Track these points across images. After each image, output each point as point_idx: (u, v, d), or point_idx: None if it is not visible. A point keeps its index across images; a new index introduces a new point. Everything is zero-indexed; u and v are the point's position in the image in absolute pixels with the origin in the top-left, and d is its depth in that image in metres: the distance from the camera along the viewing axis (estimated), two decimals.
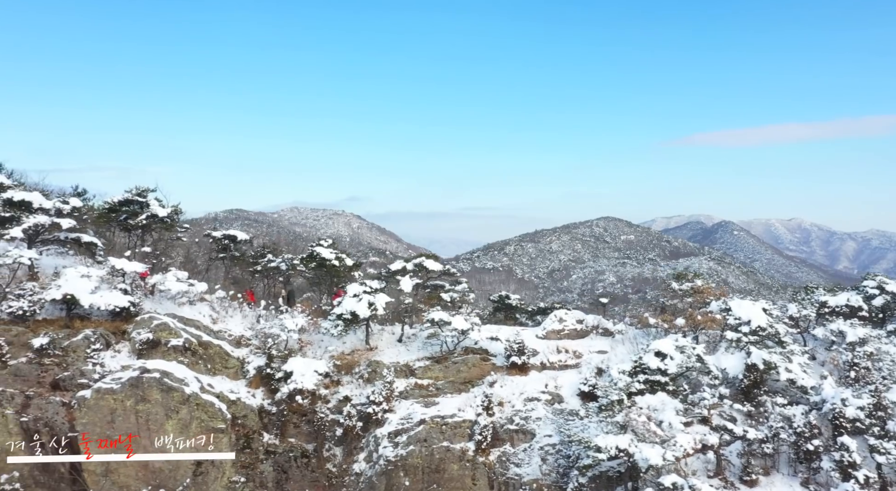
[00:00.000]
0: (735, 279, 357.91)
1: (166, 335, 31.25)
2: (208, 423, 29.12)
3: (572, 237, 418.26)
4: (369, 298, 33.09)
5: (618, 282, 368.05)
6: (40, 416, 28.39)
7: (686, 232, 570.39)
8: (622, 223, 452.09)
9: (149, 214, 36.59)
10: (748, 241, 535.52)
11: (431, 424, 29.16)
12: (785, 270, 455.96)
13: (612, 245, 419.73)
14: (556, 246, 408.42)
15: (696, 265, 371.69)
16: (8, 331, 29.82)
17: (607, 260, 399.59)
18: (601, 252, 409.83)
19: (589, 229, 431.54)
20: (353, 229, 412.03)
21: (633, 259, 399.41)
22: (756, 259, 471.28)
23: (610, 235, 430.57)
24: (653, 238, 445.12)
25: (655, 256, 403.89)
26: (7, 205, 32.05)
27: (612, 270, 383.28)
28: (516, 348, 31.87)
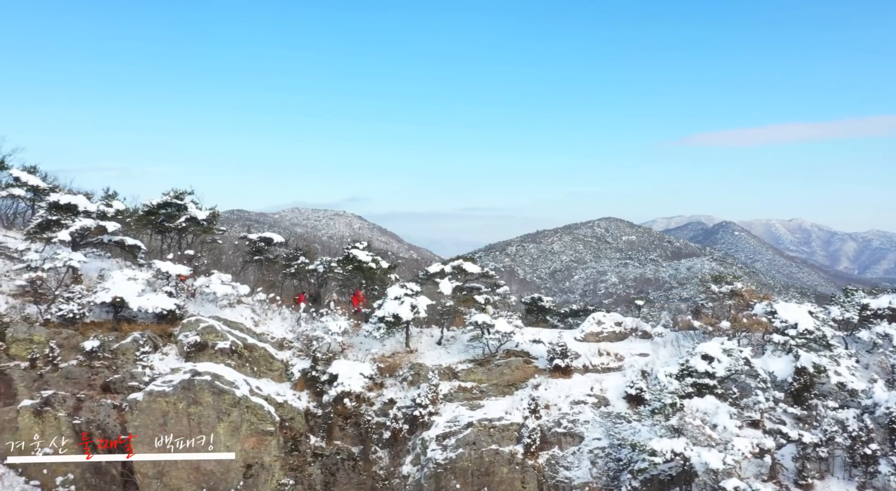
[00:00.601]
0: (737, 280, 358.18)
1: (213, 338, 31.45)
2: (258, 425, 29.33)
3: (574, 238, 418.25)
4: (411, 301, 33.28)
5: (620, 282, 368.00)
6: (92, 418, 28.59)
7: (687, 232, 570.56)
8: (623, 224, 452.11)
9: (188, 217, 36.72)
10: (749, 241, 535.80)
11: (479, 426, 29.35)
12: (786, 271, 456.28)
13: (613, 246, 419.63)
14: (557, 246, 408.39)
15: (698, 266, 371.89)
16: (58, 334, 30.03)
17: (609, 260, 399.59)
18: (603, 253, 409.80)
19: (590, 230, 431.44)
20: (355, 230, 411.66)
21: (635, 260, 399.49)
22: (757, 259, 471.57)
23: (611, 236, 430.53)
24: (654, 239, 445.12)
25: (657, 257, 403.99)
26: (54, 208, 32.19)
27: (613, 271, 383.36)
28: (559, 351, 32.07)
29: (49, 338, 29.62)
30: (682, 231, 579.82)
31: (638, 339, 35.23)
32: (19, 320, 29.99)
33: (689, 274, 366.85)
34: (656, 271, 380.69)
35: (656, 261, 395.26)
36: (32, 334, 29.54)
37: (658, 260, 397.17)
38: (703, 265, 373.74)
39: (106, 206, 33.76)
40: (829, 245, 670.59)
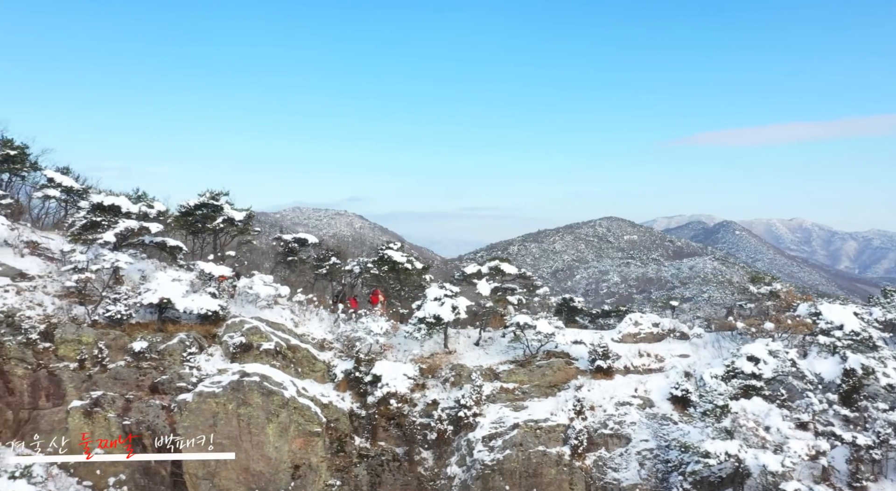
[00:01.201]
0: (740, 279, 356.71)
1: (258, 339, 31.59)
2: (305, 426, 29.48)
3: (575, 237, 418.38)
4: (452, 302, 33.43)
5: (622, 282, 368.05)
6: (142, 419, 28.77)
7: (688, 232, 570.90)
8: (625, 223, 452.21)
9: (225, 218, 36.86)
10: (750, 241, 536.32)
11: (525, 428, 29.50)
12: (787, 270, 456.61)
13: (615, 245, 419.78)
14: (559, 246, 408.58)
15: (700, 265, 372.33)
16: (106, 334, 30.18)
17: (611, 260, 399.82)
18: (604, 252, 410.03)
19: (592, 229, 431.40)
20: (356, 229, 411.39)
21: (637, 259, 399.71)
22: (758, 259, 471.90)
23: (613, 235, 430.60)
24: (655, 238, 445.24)
25: (659, 256, 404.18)
26: (97, 209, 32.30)
27: (615, 270, 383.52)
28: (601, 352, 32.22)
29: (97, 339, 29.77)
30: (682, 230, 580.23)
31: (676, 340, 35.38)
32: (67, 321, 30.12)
33: (691, 273, 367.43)
34: (658, 271, 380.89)
35: (658, 260, 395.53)
36: (81, 335, 29.69)
37: (660, 259, 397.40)
38: (706, 265, 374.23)
39: (147, 207, 33.87)
40: (829, 245, 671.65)
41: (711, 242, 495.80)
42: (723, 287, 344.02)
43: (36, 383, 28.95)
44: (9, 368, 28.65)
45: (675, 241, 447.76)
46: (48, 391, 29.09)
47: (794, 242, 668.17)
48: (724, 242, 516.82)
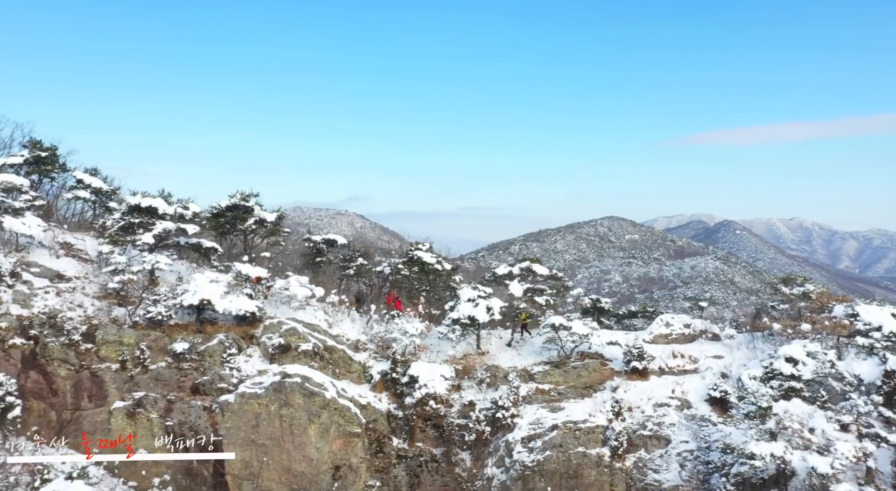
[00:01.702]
0: (742, 279, 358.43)
1: (296, 340, 31.74)
2: (345, 427, 29.63)
3: (577, 237, 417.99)
4: (486, 303, 33.58)
5: (623, 281, 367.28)
6: (184, 419, 28.92)
7: (688, 231, 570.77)
8: (626, 223, 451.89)
9: (257, 219, 36.99)
10: (751, 240, 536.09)
11: (564, 429, 29.65)
12: (788, 270, 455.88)
13: (616, 245, 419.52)
14: (560, 245, 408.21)
15: (701, 265, 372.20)
16: (147, 336, 30.33)
17: (612, 259, 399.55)
18: (606, 252, 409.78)
19: (593, 229, 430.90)
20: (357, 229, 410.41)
21: (639, 259, 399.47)
22: (759, 259, 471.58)
23: (614, 235, 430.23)
24: (657, 238, 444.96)
25: (660, 256, 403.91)
26: (135, 211, 32.41)
27: (617, 270, 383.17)
28: (636, 353, 32.39)
29: (138, 340, 29.92)
30: (683, 230, 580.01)
31: (707, 341, 35.52)
32: (108, 323, 30.26)
33: (692, 273, 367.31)
34: (660, 270, 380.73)
35: (660, 260, 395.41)
36: (122, 336, 29.84)
37: (661, 259, 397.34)
38: (707, 264, 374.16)
39: (183, 208, 33.98)
40: (829, 244, 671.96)
41: (712, 242, 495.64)
42: (725, 287, 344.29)
43: (79, 384, 29.11)
44: (52, 370, 28.82)
45: (677, 240, 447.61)
46: (90, 392, 29.23)
47: (795, 242, 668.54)
48: (724, 242, 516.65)
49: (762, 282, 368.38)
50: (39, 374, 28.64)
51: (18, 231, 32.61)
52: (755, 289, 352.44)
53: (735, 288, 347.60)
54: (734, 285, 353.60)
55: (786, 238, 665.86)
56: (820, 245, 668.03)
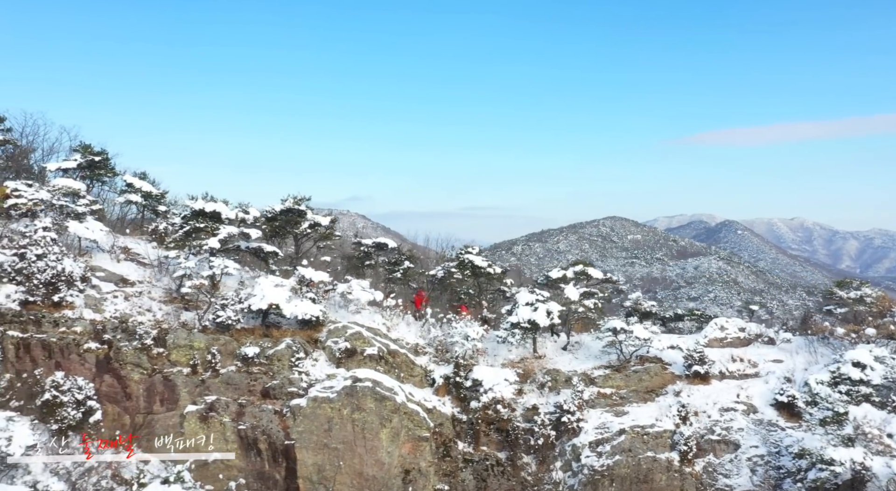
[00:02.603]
0: (745, 279, 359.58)
1: (361, 344, 31.94)
2: (414, 431, 29.85)
3: (579, 237, 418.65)
4: (546, 307, 33.83)
5: (627, 282, 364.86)
6: (256, 423, 29.12)
7: (690, 231, 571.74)
8: (628, 223, 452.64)
9: (311, 223, 37.22)
10: (752, 240, 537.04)
11: (632, 433, 29.91)
12: (789, 270, 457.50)
13: (619, 245, 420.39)
14: (563, 246, 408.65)
15: (705, 265, 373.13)
16: (216, 340, 30.51)
17: (615, 260, 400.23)
18: (609, 252, 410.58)
19: (596, 229, 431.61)
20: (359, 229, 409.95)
21: (642, 259, 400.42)
22: (761, 259, 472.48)
23: (617, 235, 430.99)
24: (659, 238, 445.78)
25: (663, 256, 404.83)
26: (199, 215, 32.60)
27: (620, 270, 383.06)
28: (697, 358, 32.62)
29: (209, 344, 30.09)
30: (684, 230, 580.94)
31: (763, 344, 35.77)
32: (178, 327, 30.45)
33: (696, 273, 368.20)
34: (663, 270, 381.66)
35: (662, 260, 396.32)
36: (192, 340, 30.02)
37: (664, 259, 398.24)
38: (711, 264, 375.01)
39: (243, 213, 34.19)
40: (830, 244, 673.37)
41: (714, 242, 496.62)
42: (729, 287, 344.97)
43: (151, 388, 29.29)
44: (125, 374, 28.99)
45: (679, 240, 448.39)
46: (162, 396, 29.42)
47: (796, 242, 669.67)
48: (726, 242, 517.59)
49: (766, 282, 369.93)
50: (114, 378, 28.83)
51: (82, 235, 32.82)
52: (759, 289, 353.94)
53: (739, 288, 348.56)
54: (738, 285, 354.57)
55: (787, 238, 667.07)
56: (821, 245, 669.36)
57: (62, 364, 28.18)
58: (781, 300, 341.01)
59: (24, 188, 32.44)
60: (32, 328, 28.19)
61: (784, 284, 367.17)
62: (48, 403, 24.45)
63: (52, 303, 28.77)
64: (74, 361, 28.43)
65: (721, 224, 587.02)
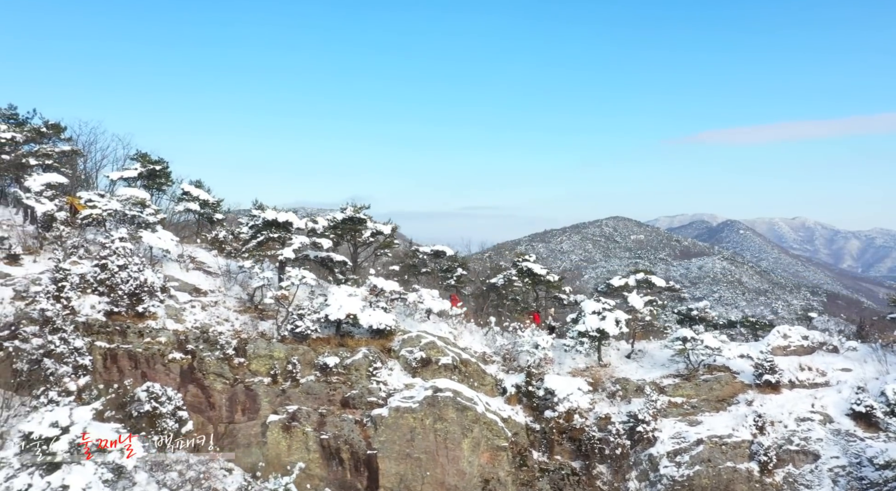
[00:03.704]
0: (749, 279, 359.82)
1: (435, 354, 32.12)
2: (493, 441, 30.01)
3: (583, 237, 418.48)
4: (615, 316, 33.98)
5: None
6: (337, 433, 29.26)
7: (692, 231, 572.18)
8: (631, 222, 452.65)
9: (374, 231, 37.35)
10: (754, 240, 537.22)
11: (710, 443, 30.04)
12: (792, 269, 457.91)
13: (622, 245, 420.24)
14: (566, 246, 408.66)
15: (709, 265, 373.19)
16: (295, 350, 30.66)
17: (619, 260, 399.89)
18: (612, 252, 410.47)
19: (598, 229, 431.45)
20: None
21: (645, 259, 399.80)
22: (763, 258, 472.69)
23: (620, 235, 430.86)
24: (662, 238, 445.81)
25: (666, 256, 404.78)
26: (272, 226, 32.69)
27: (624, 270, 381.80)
28: (768, 367, 32.77)
29: (288, 354, 30.26)
30: (686, 229, 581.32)
31: (827, 353, 35.89)
32: (257, 337, 30.61)
33: (700, 273, 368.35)
34: (667, 271, 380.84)
35: (666, 260, 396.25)
36: (272, 351, 30.19)
37: (668, 259, 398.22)
38: (714, 265, 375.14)
39: (312, 222, 34.29)
40: (832, 243, 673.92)
41: (716, 242, 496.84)
42: (733, 287, 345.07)
43: (233, 398, 29.45)
44: (209, 384, 29.16)
45: (682, 240, 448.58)
46: (244, 405, 29.57)
47: (797, 241, 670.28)
48: (728, 242, 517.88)
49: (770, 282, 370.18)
50: (197, 387, 28.98)
51: (154, 245, 32.93)
52: (763, 289, 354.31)
53: (743, 288, 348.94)
54: (742, 286, 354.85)
55: (788, 238, 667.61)
56: (822, 244, 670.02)
57: (148, 374, 28.34)
58: (786, 300, 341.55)
59: (97, 199, 32.60)
60: (118, 339, 28.34)
61: (788, 285, 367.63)
62: (148, 415, 24.57)
63: (135, 313, 28.91)
64: (160, 372, 28.59)
65: (723, 224, 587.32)
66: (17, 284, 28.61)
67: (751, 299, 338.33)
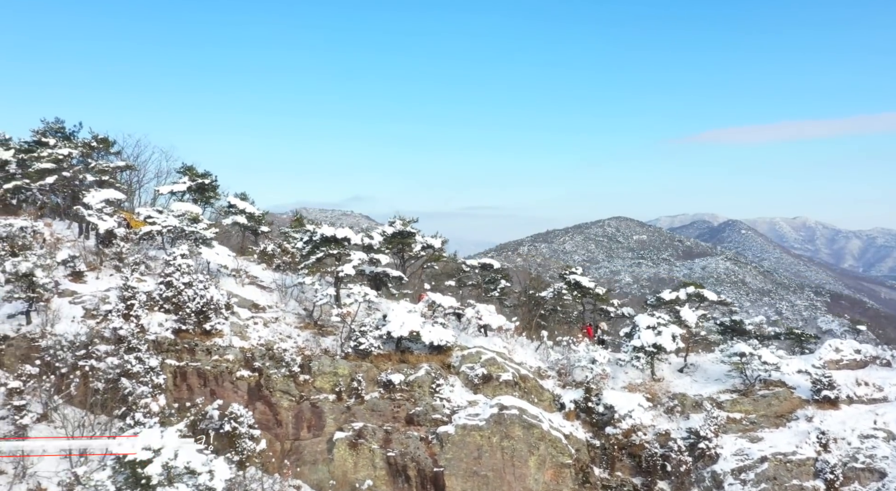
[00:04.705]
0: (752, 279, 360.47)
1: (496, 370, 32.14)
2: (557, 458, 30.02)
3: (585, 237, 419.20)
4: (671, 331, 34.02)
5: (634, 282, 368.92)
6: (404, 450, 29.26)
7: (693, 231, 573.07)
8: (633, 223, 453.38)
9: (425, 245, 37.37)
10: (756, 240, 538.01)
11: (774, 461, 30.08)
12: (794, 269, 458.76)
13: (625, 245, 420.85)
14: (569, 246, 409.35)
15: (712, 265, 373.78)
16: (359, 367, 30.67)
17: (622, 260, 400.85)
18: (615, 252, 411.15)
19: (601, 229, 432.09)
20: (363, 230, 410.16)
21: (648, 259, 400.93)
22: (765, 258, 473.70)
23: (622, 235, 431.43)
24: (665, 238, 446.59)
25: (669, 256, 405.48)
26: (331, 242, 32.67)
27: (627, 271, 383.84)
28: (826, 382, 32.82)
29: (352, 371, 30.27)
30: (687, 229, 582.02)
31: (881, 367, 35.94)
32: (321, 353, 30.61)
33: (703, 274, 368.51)
34: (670, 271, 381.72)
35: (669, 260, 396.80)
36: (336, 367, 30.19)
37: (671, 259, 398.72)
38: (718, 265, 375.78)
39: (368, 237, 34.29)
40: (833, 243, 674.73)
41: (718, 242, 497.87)
42: (737, 288, 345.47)
43: (299, 415, 29.46)
44: (276, 401, 29.17)
45: (685, 240, 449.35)
46: (310, 422, 29.58)
47: (798, 241, 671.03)
48: (730, 241, 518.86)
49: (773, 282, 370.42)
50: (265, 405, 29.00)
51: (212, 261, 32.94)
52: (767, 290, 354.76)
53: (747, 289, 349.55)
54: (746, 286, 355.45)
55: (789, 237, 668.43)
56: (823, 244, 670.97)
57: (217, 392, 28.37)
58: (790, 301, 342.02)
59: (156, 215, 32.56)
60: (187, 356, 28.36)
61: (791, 285, 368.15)
62: (228, 435, 24.58)
63: (202, 331, 28.94)
64: (228, 389, 28.62)
65: (724, 223, 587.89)
66: (85, 301, 28.60)
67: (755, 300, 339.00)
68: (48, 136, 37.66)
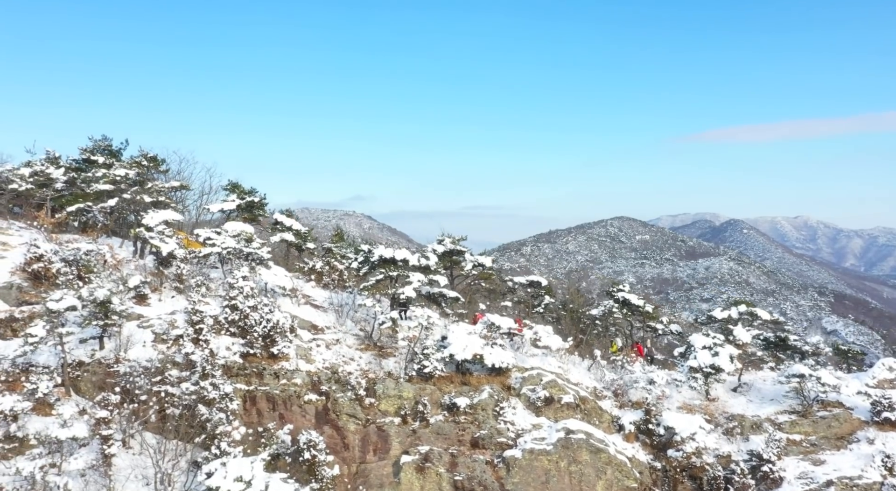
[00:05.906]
0: (756, 279, 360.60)
1: (557, 392, 32.05)
2: (623, 482, 29.91)
3: (588, 237, 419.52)
4: (728, 352, 33.96)
5: (637, 282, 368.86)
6: (470, 474, 29.13)
7: (695, 231, 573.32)
8: (636, 223, 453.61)
9: (476, 263, 37.28)
10: (758, 239, 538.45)
11: (840, 485, 29.96)
12: (796, 269, 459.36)
13: (627, 245, 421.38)
14: (572, 246, 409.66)
15: (716, 265, 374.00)
16: (423, 390, 30.58)
17: (625, 260, 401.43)
18: (618, 252, 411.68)
19: (604, 229, 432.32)
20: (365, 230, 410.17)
21: (651, 259, 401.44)
22: (767, 258, 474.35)
23: (625, 235, 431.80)
24: (667, 238, 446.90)
25: (672, 256, 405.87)
26: (389, 263, 32.60)
27: (630, 271, 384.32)
28: (887, 403, 32.77)
29: (417, 394, 30.18)
30: (689, 229, 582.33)
31: None
32: (384, 376, 30.54)
33: (707, 274, 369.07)
34: (674, 271, 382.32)
35: (672, 260, 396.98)
36: (401, 390, 30.08)
37: (674, 259, 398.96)
38: (721, 265, 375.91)
39: (424, 258, 34.20)
40: (834, 242, 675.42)
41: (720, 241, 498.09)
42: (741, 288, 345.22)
43: (366, 438, 29.33)
44: (342, 424, 29.04)
45: (687, 240, 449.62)
46: (376, 446, 29.44)
47: (800, 240, 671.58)
48: (732, 241, 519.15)
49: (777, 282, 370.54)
50: (332, 428, 28.87)
51: (271, 282, 32.85)
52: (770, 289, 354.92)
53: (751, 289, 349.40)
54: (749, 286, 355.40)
55: (790, 237, 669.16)
56: (825, 243, 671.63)
57: (285, 416, 28.24)
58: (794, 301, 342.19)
59: (214, 236, 32.44)
60: (255, 381, 28.25)
61: (795, 285, 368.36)
62: (307, 463, 24.50)
63: (269, 354, 28.84)
64: (296, 413, 28.50)
65: (726, 223, 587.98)
66: (154, 325, 28.49)
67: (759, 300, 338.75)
68: (96, 153, 37.51)
